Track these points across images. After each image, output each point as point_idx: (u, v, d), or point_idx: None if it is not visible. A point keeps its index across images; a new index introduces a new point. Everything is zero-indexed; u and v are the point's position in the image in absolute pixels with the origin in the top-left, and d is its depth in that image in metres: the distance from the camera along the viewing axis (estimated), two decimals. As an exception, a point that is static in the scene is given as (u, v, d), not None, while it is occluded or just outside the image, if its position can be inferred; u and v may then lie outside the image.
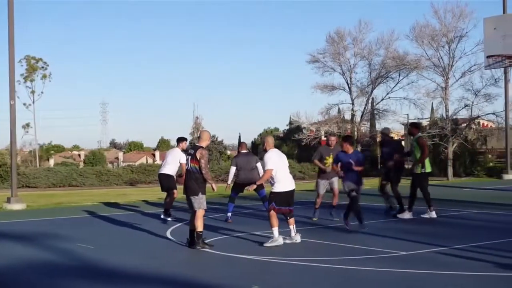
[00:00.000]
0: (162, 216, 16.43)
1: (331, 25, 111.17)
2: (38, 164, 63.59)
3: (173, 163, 16.62)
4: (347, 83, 47.06)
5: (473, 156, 45.28)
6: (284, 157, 12.75)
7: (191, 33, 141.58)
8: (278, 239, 12.23)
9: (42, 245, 12.93)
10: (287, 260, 10.71)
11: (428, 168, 16.50)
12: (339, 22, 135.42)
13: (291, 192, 12.59)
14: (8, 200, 22.23)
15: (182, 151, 16.70)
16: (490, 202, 20.93)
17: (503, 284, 8.99)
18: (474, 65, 42.09)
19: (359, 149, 46.03)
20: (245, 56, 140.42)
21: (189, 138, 73.15)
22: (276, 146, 13.25)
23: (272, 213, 12.25)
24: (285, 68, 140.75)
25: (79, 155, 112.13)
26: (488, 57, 17.32)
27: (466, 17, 42.48)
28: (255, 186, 13.50)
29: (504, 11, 35.67)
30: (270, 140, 12.79)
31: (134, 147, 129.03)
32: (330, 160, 16.13)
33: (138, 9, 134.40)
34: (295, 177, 42.56)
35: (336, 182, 16.45)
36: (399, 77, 45.63)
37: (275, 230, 12.26)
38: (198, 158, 12.13)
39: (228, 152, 75.27)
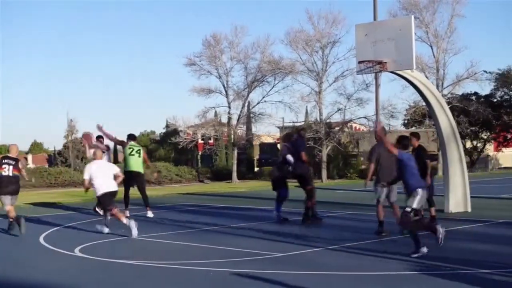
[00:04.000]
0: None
1: (208, 29, 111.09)
2: None
3: None
4: (223, 86, 47.25)
5: (346, 158, 46.47)
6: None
7: (65, 31, 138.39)
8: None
9: None
10: (164, 264, 10.64)
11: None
12: (216, 25, 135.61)
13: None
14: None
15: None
16: (362, 204, 21.50)
17: (373, 283, 9.25)
18: (347, 70, 43.43)
19: (236, 152, 46.36)
20: (119, 57, 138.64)
21: (63, 141, 71.51)
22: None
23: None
24: (160, 70, 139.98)
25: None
26: (359, 62, 17.75)
27: (339, 23, 43.73)
28: None
29: (375, 18, 36.80)
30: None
31: (4, 150, 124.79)
32: None
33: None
34: (171, 181, 42.26)
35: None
36: (274, 81, 46.21)
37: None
38: (21, 167, 14.84)
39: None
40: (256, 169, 56.79)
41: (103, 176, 14.12)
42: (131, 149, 18.12)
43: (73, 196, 27.33)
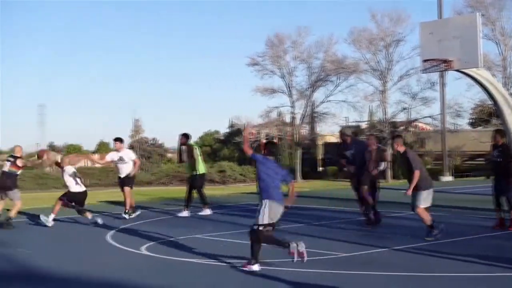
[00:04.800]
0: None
1: (271, 28, 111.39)
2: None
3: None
4: (287, 86, 47.18)
5: (411, 158, 45.77)
6: None
7: (131, 34, 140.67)
8: None
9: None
10: (227, 263, 10.69)
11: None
12: (279, 25, 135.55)
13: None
14: None
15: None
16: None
17: (440, 284, 9.13)
18: (411, 69, 42.79)
19: (299, 151, 46.21)
20: (183, 58, 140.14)
21: (128, 140, 72.55)
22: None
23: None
24: (224, 71, 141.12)
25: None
26: (424, 61, 17.52)
27: (403, 22, 43.13)
28: None
29: (440, 16, 36.29)
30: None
31: (73, 149, 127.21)
32: None
33: (74, 6, 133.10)
34: (235, 180, 42.39)
35: None
36: (338, 80, 45.90)
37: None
38: (21, 165, 16.39)
39: (169, 155, 74.67)
40: (320, 168, 56.56)
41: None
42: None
43: (138, 195, 27.70)
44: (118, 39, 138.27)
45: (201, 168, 18.45)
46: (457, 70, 17.59)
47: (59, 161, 17.96)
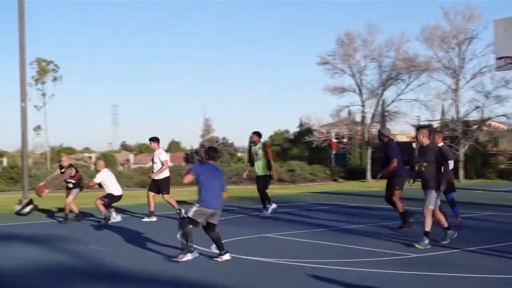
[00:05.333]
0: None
1: (341, 28, 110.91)
2: (49, 166, 63.68)
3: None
4: (357, 85, 46.85)
5: (485, 158, 44.99)
6: None
7: (201, 35, 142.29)
8: None
9: (54, 247, 12.90)
10: (298, 262, 10.69)
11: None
12: (349, 24, 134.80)
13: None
14: (20, 202, 22.22)
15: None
16: (502, 204, 20.83)
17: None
18: (485, 67, 41.97)
19: (370, 151, 45.87)
20: (252, 58, 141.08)
21: (199, 140, 73.23)
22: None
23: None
24: (294, 70, 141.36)
25: (90, 157, 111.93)
26: (498, 58, 17.27)
27: (476, 19, 42.35)
28: None
29: (515, 13, 35.51)
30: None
31: (144, 149, 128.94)
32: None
33: (147, 10, 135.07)
34: (305, 179, 42.34)
35: None
36: (409, 79, 45.34)
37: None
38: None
39: (239, 154, 75.21)
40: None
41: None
42: None
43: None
44: (188, 41, 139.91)
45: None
46: (532, 68, 17.17)
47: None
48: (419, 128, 12.56)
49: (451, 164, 14.44)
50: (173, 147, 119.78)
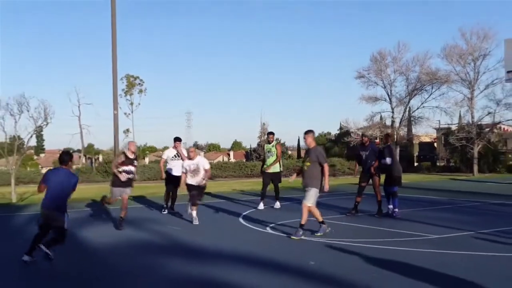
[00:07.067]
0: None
1: (374, 46, 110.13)
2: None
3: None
4: (387, 94, 46.77)
5: (496, 155, 44.36)
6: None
7: (261, 50, 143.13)
8: None
9: (142, 227, 13.03)
10: (336, 241, 10.59)
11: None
12: (381, 43, 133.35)
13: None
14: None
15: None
16: (510, 194, 20.35)
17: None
18: (496, 79, 41.44)
19: (398, 149, 45.40)
20: (304, 71, 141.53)
21: (257, 140, 73.32)
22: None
23: None
24: (335, 82, 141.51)
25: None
26: (508, 72, 16.82)
27: (489, 39, 41.74)
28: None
29: (522, 33, 34.87)
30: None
31: (212, 148, 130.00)
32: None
33: (211, 25, 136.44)
34: (344, 173, 42.09)
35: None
36: (432, 89, 45.25)
37: None
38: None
39: (289, 152, 75.19)
40: (415, 164, 55.36)
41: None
42: None
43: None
44: (245, 51, 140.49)
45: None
46: (538, 79, 16.72)
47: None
48: (307, 131, 11.18)
49: (388, 160, 14.54)
50: (235, 146, 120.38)
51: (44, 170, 46.31)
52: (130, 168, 12.98)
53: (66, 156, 9.38)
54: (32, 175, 36.82)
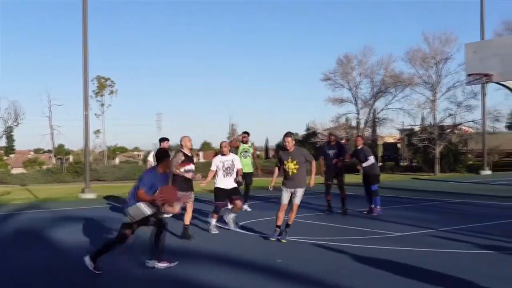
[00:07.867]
0: None
1: (340, 49, 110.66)
2: (106, 162, 64.08)
3: None
4: (353, 96, 47.12)
5: (456, 155, 44.96)
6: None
7: (217, 52, 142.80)
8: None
9: (112, 227, 12.98)
10: (304, 240, 10.72)
11: None
12: (346, 46, 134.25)
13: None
14: (83, 191, 22.64)
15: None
16: (469, 193, 20.73)
17: (478, 261, 8.92)
18: (457, 82, 41.92)
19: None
20: (270, 73, 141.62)
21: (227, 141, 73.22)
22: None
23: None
24: (302, 84, 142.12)
25: (139, 155, 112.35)
26: (468, 75, 17.17)
27: (451, 43, 42.32)
28: None
29: (482, 38, 35.48)
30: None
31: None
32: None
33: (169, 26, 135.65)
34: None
35: None
36: (395, 91, 45.60)
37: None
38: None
39: (258, 153, 75.39)
40: (380, 163, 55.86)
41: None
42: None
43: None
44: (212, 56, 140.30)
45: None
46: (497, 83, 17.16)
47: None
48: (288, 133, 11.08)
49: (371, 159, 15.23)
50: (205, 146, 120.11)
51: (14, 171, 45.41)
52: (192, 166, 11.29)
53: None
54: (1, 175, 36.21)
